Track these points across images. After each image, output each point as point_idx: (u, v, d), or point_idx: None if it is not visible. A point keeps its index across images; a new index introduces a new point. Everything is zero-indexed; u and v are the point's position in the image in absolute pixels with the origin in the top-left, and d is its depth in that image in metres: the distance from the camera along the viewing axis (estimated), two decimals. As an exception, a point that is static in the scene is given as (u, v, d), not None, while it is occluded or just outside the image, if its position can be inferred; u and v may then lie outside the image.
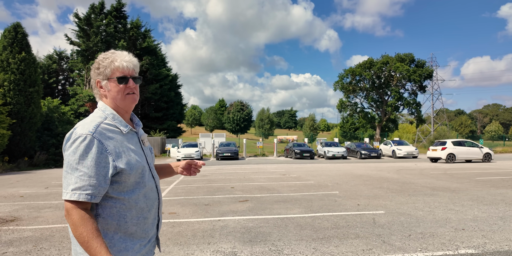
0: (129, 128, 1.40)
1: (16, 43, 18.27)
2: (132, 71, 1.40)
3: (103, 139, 1.28)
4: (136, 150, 1.40)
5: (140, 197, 1.37)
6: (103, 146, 1.27)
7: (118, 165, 1.29)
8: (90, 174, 1.24)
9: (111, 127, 1.35)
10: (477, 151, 18.89)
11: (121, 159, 1.31)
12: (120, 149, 1.33)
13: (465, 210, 5.87)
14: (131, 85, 1.39)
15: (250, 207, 6.35)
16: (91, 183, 1.24)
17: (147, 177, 1.42)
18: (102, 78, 1.39)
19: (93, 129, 1.28)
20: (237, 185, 9.68)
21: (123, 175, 1.32)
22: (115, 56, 1.39)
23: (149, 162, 1.47)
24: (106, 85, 1.39)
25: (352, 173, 12.94)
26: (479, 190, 8.11)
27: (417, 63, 39.65)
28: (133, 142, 1.41)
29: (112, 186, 1.31)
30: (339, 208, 6.13)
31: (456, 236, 4.33)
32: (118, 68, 1.37)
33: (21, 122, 18.12)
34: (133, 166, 1.34)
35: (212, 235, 4.55)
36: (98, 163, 1.26)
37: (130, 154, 1.35)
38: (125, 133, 1.39)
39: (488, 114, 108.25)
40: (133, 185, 1.36)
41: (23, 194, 8.64)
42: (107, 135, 1.31)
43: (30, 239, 4.54)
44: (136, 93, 1.43)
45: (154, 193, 1.46)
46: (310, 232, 4.61)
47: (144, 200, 1.39)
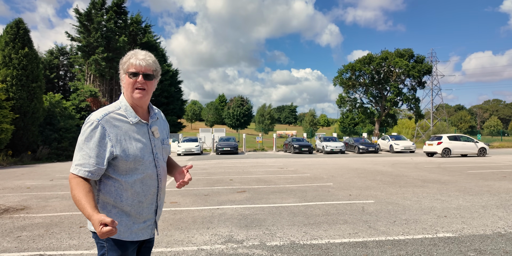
0: (137, 119, 1.58)
1: (18, 39, 18.50)
2: (145, 68, 1.57)
3: (107, 126, 1.50)
4: (141, 140, 1.57)
5: (136, 182, 1.56)
6: (105, 132, 1.49)
7: (115, 151, 1.50)
8: (90, 154, 1.47)
9: (120, 117, 1.55)
10: (472, 146, 19.21)
11: (119, 146, 1.51)
12: (122, 137, 1.52)
13: (451, 200, 6.20)
14: (139, 80, 1.55)
15: (247, 197, 6.68)
16: (90, 162, 1.47)
17: (148, 165, 1.58)
18: (122, 72, 1.60)
19: (100, 117, 1.51)
20: (236, 177, 10.01)
21: (119, 160, 1.52)
22: (133, 54, 1.60)
23: (155, 152, 1.63)
24: (122, 78, 1.61)
25: (348, 166, 13.27)
26: (468, 182, 8.43)
27: (417, 58, 39.80)
28: (141, 133, 1.59)
29: (111, 167, 1.53)
30: (332, 198, 6.46)
31: (438, 222, 4.66)
32: (132, 64, 1.56)
33: (24, 117, 18.43)
34: (130, 154, 1.53)
35: (211, 221, 4.88)
36: (99, 146, 1.48)
37: (131, 143, 1.54)
38: (133, 124, 1.57)
39: (488, 109, 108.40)
40: (130, 170, 1.54)
41: (30, 185, 8.98)
42: (113, 124, 1.52)
43: (41, 225, 4.87)
44: (146, 89, 1.58)
45: (154, 181, 1.61)
46: (302, 218, 4.94)
47: (140, 186, 1.57)
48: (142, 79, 1.57)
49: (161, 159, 1.68)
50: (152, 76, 1.61)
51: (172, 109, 38.06)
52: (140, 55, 1.59)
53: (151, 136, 1.63)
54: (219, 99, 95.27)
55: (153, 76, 1.61)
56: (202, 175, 10.65)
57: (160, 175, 1.65)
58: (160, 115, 1.76)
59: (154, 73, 1.62)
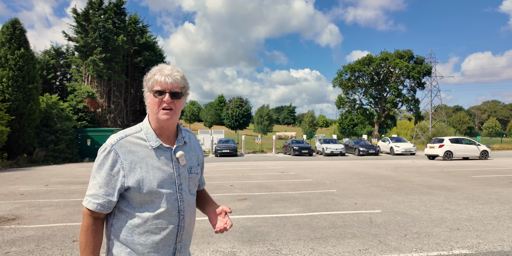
0: (158, 143, 1.35)
1: (14, 39, 18.20)
2: (171, 86, 1.35)
3: (121, 152, 1.30)
4: (162, 167, 1.34)
5: (151, 218, 1.32)
6: (118, 159, 1.30)
7: (127, 181, 1.29)
8: (101, 184, 1.30)
9: (139, 140, 1.35)
10: (474, 149, 19.02)
11: (133, 176, 1.30)
12: (138, 164, 1.31)
13: (461, 209, 5.97)
14: (166, 100, 1.33)
15: (249, 206, 6.44)
16: (99, 192, 1.29)
17: (167, 198, 1.34)
18: (146, 90, 1.39)
19: (115, 141, 1.32)
20: (236, 183, 9.77)
21: (132, 192, 1.31)
22: (158, 69, 1.38)
23: (178, 182, 1.38)
24: (147, 97, 1.39)
25: (350, 170, 13.05)
26: (475, 189, 8.21)
27: (416, 59, 39.67)
28: (162, 159, 1.36)
29: (125, 199, 1.33)
30: (337, 207, 6.22)
31: (451, 236, 4.43)
32: (157, 81, 1.35)
33: (20, 119, 18.12)
34: (145, 185, 1.30)
35: (211, 234, 4.63)
36: (110, 175, 1.30)
37: (148, 171, 1.31)
38: (153, 148, 1.35)
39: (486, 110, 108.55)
40: (146, 204, 1.32)
41: (24, 191, 8.70)
42: (129, 149, 1.32)
43: (32, 238, 4.61)
44: (174, 109, 1.36)
45: (173, 218, 1.36)
46: (308, 231, 4.70)
47: (156, 223, 1.33)
48: (169, 98, 1.35)
49: (187, 191, 1.42)
50: (180, 94, 1.38)
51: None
52: (166, 70, 1.37)
53: (175, 163, 1.39)
54: (218, 99, 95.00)
55: (181, 94, 1.39)
56: (201, 180, 10.39)
57: (183, 211, 1.38)
58: (191, 138, 1.53)
59: (182, 90, 1.40)
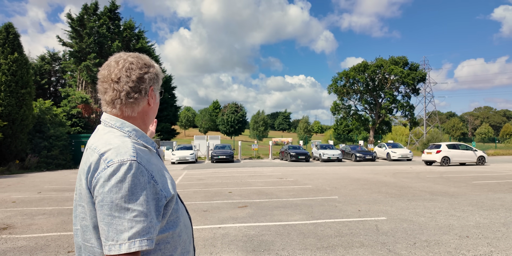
0: (155, 145, 1.18)
1: (8, 43, 17.95)
2: None
3: (144, 164, 0.99)
4: (165, 169, 1.17)
5: (181, 227, 1.10)
6: (148, 173, 0.98)
7: (166, 193, 1.02)
8: (146, 212, 0.93)
9: (141, 147, 1.06)
10: (471, 154, 19.04)
11: (165, 185, 1.05)
12: (158, 172, 1.06)
13: (467, 216, 5.85)
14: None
15: (250, 213, 6.25)
16: (148, 223, 0.93)
17: (181, 206, 1.17)
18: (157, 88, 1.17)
19: (134, 152, 0.97)
20: (235, 189, 9.57)
21: (169, 203, 1.04)
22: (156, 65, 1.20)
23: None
24: (153, 95, 1.14)
25: (349, 176, 12.92)
26: (478, 195, 8.12)
27: (411, 66, 40.03)
28: (159, 160, 1.17)
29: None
30: (341, 214, 6.06)
31: (461, 244, 4.29)
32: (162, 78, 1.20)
33: (13, 124, 17.78)
34: (171, 191, 1.06)
35: (214, 244, 4.44)
36: (151, 196, 0.97)
37: (164, 176, 1.08)
38: (153, 152, 1.14)
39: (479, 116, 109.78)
40: (174, 213, 1.08)
41: (15, 199, 8.42)
42: (144, 157, 1.02)
43: (25, 249, 4.38)
44: None
45: (186, 217, 1.19)
46: (313, 240, 4.53)
47: (185, 230, 1.13)
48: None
49: None
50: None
51: (165, 116, 37.51)
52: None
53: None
54: (213, 105, 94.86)
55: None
56: (199, 187, 10.18)
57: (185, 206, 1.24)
58: None
59: None
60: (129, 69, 1.08)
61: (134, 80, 1.07)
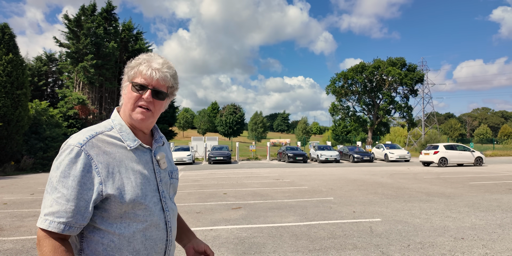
0: (137, 143, 1.12)
1: (3, 44, 17.84)
2: (156, 82, 1.12)
3: (94, 154, 1.03)
4: (143, 172, 1.11)
5: (136, 235, 1.06)
6: (91, 162, 1.02)
7: (106, 189, 1.02)
8: (68, 197, 0.99)
9: (114, 140, 1.10)
10: (468, 155, 19.00)
11: (112, 182, 1.04)
12: (116, 168, 1.06)
13: (462, 217, 5.77)
14: (146, 97, 1.11)
15: (243, 215, 6.16)
16: (67, 208, 0.98)
17: (152, 209, 1.10)
18: (126, 79, 1.16)
19: (84, 140, 1.04)
20: (230, 190, 9.48)
21: (112, 202, 1.04)
22: (146, 59, 1.14)
23: (161, 189, 1.15)
24: (124, 87, 1.16)
25: (346, 177, 12.84)
26: (474, 196, 8.05)
27: (409, 67, 40.07)
28: (142, 162, 1.12)
29: (98, 215, 1.05)
30: (335, 216, 5.97)
31: (456, 246, 4.21)
32: (141, 72, 1.12)
33: (8, 125, 17.64)
34: (127, 193, 1.05)
35: (204, 246, 4.35)
36: (82, 183, 1.00)
37: (128, 177, 1.07)
38: (131, 149, 1.11)
39: (477, 117, 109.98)
40: (127, 217, 1.06)
41: (7, 201, 8.31)
42: (103, 149, 1.06)
43: (10, 252, 4.28)
44: (151, 110, 1.13)
45: (161, 232, 1.12)
46: (306, 242, 4.44)
47: (142, 241, 1.07)
48: (149, 96, 1.11)
49: (169, 199, 1.20)
50: (165, 95, 1.15)
51: (163, 117, 37.38)
52: (155, 63, 1.13)
53: (156, 166, 1.16)
54: (212, 106, 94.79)
55: (166, 95, 1.15)
56: (194, 188, 10.09)
57: (170, 222, 1.15)
58: (165, 140, 1.31)
59: (168, 90, 1.17)
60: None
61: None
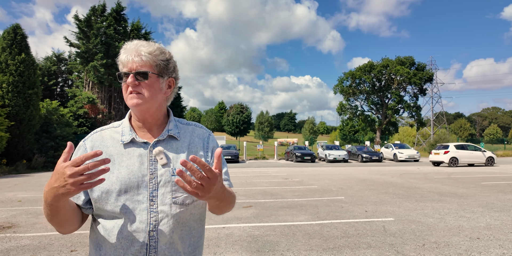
0: (130, 137, 1.10)
1: (15, 44, 18.11)
2: (136, 65, 1.05)
3: (90, 147, 1.12)
4: (130, 167, 1.06)
5: (114, 230, 1.05)
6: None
7: None
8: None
9: (115, 135, 1.14)
10: (480, 155, 18.75)
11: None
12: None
13: (477, 217, 5.71)
14: (128, 82, 1.05)
15: (254, 214, 6.17)
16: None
17: (131, 207, 1.03)
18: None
19: (88, 136, 1.17)
20: (240, 189, 9.50)
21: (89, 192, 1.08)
22: (124, 47, 1.11)
23: (150, 187, 1.06)
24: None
25: (355, 177, 12.78)
26: (487, 196, 7.95)
27: (418, 66, 39.66)
28: (134, 156, 1.08)
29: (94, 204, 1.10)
30: (347, 215, 5.95)
31: (472, 246, 4.17)
32: (121, 61, 1.09)
33: (20, 124, 17.92)
34: (97, 188, 1.05)
35: (218, 244, 4.38)
36: None
37: (112, 172, 1.06)
38: (124, 144, 1.10)
39: (487, 117, 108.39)
40: (105, 211, 1.07)
41: (21, 198, 8.45)
42: (101, 144, 1.12)
43: (28, 247, 4.35)
44: (142, 93, 1.06)
45: (140, 234, 1.03)
46: (319, 241, 4.44)
47: (119, 238, 1.04)
48: (132, 80, 1.04)
49: (167, 200, 1.05)
50: (147, 73, 1.05)
51: (171, 116, 37.57)
52: (129, 46, 1.09)
53: (150, 162, 1.07)
54: (219, 106, 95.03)
55: (149, 73, 1.06)
56: (203, 187, 10.13)
57: (155, 226, 1.03)
58: (192, 133, 1.18)
59: (155, 69, 1.08)
60: None
61: None
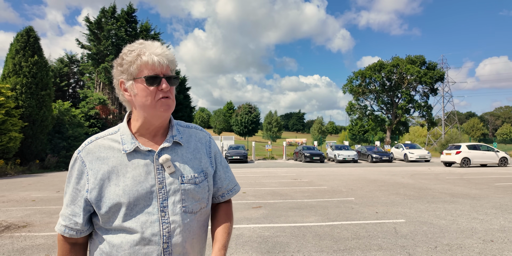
0: (134, 145, 1.04)
1: (29, 46, 18.47)
2: (167, 69, 1.04)
3: (88, 160, 1.04)
4: (137, 178, 1.02)
5: (124, 246, 1.01)
6: (84, 169, 1.03)
7: (91, 197, 1.02)
8: (67, 202, 1.07)
9: (113, 144, 1.06)
10: (492, 155, 18.42)
11: (97, 190, 1.02)
12: (106, 175, 1.02)
13: (490, 219, 5.62)
14: (164, 88, 1.02)
15: (264, 214, 6.19)
16: (66, 212, 1.06)
17: (144, 219, 1.00)
18: (127, 77, 1.05)
19: (82, 147, 1.07)
20: (249, 190, 9.52)
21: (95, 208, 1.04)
22: (142, 48, 1.04)
23: (161, 197, 1.02)
24: (131, 87, 1.04)
25: (365, 177, 12.68)
26: (501, 197, 7.81)
27: (428, 65, 39.14)
28: (139, 165, 1.04)
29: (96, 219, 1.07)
30: (357, 216, 5.92)
31: (486, 249, 4.11)
32: (147, 64, 1.01)
33: (33, 125, 18.27)
34: (105, 201, 1.01)
35: (228, 245, 4.39)
36: (76, 190, 1.05)
37: (117, 184, 1.01)
38: (127, 153, 1.04)
39: (500, 116, 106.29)
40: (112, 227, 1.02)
41: (35, 198, 8.61)
42: (98, 155, 1.04)
43: (43, 247, 4.44)
44: (172, 98, 1.05)
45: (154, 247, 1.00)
46: (330, 242, 4.42)
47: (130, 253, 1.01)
48: (167, 86, 1.03)
49: (177, 209, 1.03)
50: (176, 79, 1.07)
51: (180, 117, 37.84)
52: (156, 49, 1.04)
53: (158, 171, 1.04)
54: (227, 106, 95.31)
55: (177, 78, 1.08)
56: (213, 187, 10.18)
57: (168, 238, 1.01)
58: (192, 137, 1.15)
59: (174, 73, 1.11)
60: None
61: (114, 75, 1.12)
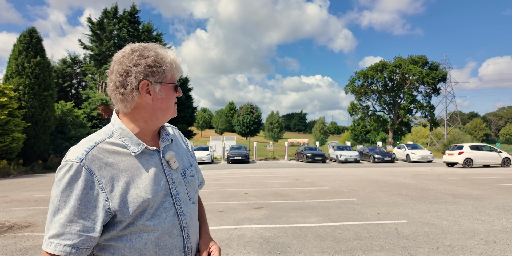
0: (142, 147, 1.03)
1: (31, 47, 18.55)
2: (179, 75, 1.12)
3: (96, 168, 0.95)
4: (152, 178, 1.02)
5: (148, 246, 0.99)
6: (94, 178, 0.94)
7: (113, 205, 0.95)
8: (72, 217, 0.91)
9: (116, 148, 1.00)
10: (495, 156, 18.35)
11: (119, 196, 0.96)
12: (122, 180, 0.97)
13: (493, 220, 5.60)
14: (180, 93, 1.12)
15: (266, 215, 6.19)
16: (72, 230, 0.91)
17: (164, 215, 1.02)
18: (156, 80, 1.02)
19: (83, 154, 0.95)
20: (251, 190, 9.53)
21: (119, 215, 0.96)
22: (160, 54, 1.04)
23: (174, 192, 1.06)
24: (160, 91, 1.03)
25: (367, 178, 12.66)
26: (504, 198, 7.78)
27: (431, 65, 39.03)
28: (150, 165, 1.04)
29: (108, 228, 0.97)
30: (359, 217, 5.92)
31: (488, 250, 4.09)
32: (178, 69, 1.07)
33: (36, 126, 18.35)
34: (132, 205, 0.96)
35: (230, 245, 4.41)
36: (86, 202, 0.93)
37: (137, 186, 0.98)
38: (137, 155, 1.02)
39: (503, 116, 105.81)
40: (135, 229, 0.98)
41: (38, 198, 8.65)
42: (105, 161, 0.97)
43: (45, 247, 4.46)
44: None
45: (177, 239, 1.03)
46: (331, 243, 4.42)
47: (156, 251, 0.99)
48: (181, 91, 1.12)
49: (186, 200, 1.09)
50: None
51: (182, 117, 37.91)
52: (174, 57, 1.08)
53: (166, 168, 1.06)
54: (229, 106, 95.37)
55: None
56: (215, 187, 10.20)
57: (186, 228, 1.06)
58: (175, 134, 1.22)
59: None
60: (121, 62, 1.01)
61: (121, 73, 1.00)
